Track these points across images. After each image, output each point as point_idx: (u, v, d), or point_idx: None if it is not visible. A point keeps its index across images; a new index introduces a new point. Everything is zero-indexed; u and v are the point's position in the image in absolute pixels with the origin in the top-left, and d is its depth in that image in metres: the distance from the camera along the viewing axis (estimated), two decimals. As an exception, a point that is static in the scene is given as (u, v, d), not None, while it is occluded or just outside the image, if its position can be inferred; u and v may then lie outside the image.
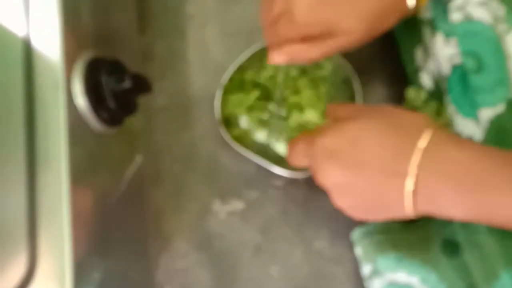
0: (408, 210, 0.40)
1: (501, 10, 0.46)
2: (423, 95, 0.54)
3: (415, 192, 0.39)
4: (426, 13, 0.50)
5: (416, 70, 0.54)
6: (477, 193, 0.38)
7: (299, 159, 0.47)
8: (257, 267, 0.56)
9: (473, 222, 0.40)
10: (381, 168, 0.40)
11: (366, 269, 0.51)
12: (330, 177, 0.43)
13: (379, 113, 0.44)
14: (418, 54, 0.54)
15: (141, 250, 0.54)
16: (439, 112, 0.51)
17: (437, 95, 0.52)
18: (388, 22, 0.46)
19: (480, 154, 0.39)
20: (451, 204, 0.39)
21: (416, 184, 0.39)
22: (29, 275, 0.36)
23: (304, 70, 0.57)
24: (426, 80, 0.53)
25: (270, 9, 0.46)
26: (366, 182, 0.41)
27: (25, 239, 0.36)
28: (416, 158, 0.39)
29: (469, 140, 0.44)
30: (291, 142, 0.48)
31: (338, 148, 0.42)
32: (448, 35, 0.48)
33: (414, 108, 0.54)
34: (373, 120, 0.43)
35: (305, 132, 0.49)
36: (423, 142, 0.39)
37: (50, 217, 0.36)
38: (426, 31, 0.51)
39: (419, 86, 0.54)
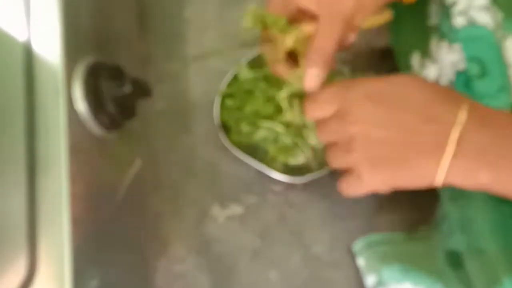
0: (443, 165, 0.38)
1: (499, 15, 0.47)
2: None
3: (458, 141, 0.38)
4: (433, 20, 0.51)
5: None
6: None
7: (322, 104, 0.44)
8: (255, 271, 0.56)
9: (496, 191, 0.39)
10: (426, 114, 0.39)
11: (370, 280, 0.51)
12: (363, 118, 0.41)
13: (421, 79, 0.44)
14: (415, 60, 0.54)
15: (140, 254, 0.54)
16: None
17: None
18: None
19: None
20: (484, 162, 0.38)
21: (461, 133, 0.38)
22: (29, 279, 0.36)
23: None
24: None
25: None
26: (402, 129, 0.40)
27: (25, 243, 0.36)
28: (464, 110, 0.39)
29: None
30: (320, 88, 0.45)
31: (380, 91, 0.41)
32: (452, 41, 0.48)
33: None
34: (418, 78, 0.43)
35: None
36: (467, 103, 0.40)
37: (50, 221, 0.37)
38: (433, 38, 0.51)
39: None
